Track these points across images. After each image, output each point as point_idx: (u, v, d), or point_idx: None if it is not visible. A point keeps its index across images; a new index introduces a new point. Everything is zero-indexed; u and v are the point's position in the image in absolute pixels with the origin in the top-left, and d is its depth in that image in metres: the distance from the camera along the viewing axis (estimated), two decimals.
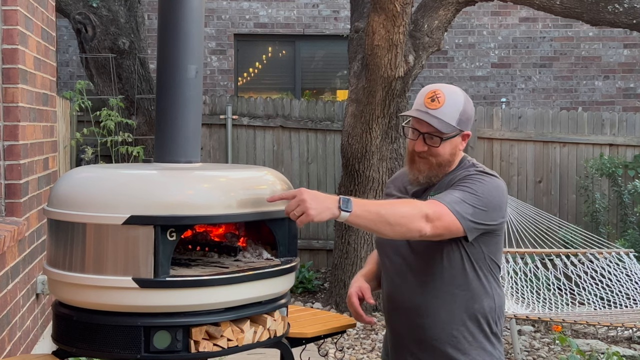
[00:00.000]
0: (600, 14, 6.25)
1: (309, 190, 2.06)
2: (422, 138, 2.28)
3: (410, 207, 2.14)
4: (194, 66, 2.35)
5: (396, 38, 5.52)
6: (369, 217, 2.09)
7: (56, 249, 2.15)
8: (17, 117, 3.35)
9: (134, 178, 2.18)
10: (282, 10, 9.19)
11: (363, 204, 2.10)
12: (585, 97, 9.46)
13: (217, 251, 2.31)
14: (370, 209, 2.10)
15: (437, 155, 2.29)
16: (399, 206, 2.16)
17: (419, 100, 2.31)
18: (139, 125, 6.92)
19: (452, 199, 2.18)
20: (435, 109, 2.26)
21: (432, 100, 2.26)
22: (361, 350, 5.37)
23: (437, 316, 2.28)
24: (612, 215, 7.75)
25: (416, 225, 2.09)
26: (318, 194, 2.06)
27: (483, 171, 2.30)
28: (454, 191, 2.21)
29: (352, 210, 2.05)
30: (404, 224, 2.09)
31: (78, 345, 2.11)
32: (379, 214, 2.09)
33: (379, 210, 2.11)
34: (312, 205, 2.02)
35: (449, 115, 2.26)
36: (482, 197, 2.21)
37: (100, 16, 6.84)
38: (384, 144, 6.09)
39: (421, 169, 2.32)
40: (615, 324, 5.36)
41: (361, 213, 2.07)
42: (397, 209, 2.12)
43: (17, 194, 3.38)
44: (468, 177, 2.26)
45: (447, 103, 2.26)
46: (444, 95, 2.27)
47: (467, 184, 2.23)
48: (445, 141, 2.28)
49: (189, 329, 2.04)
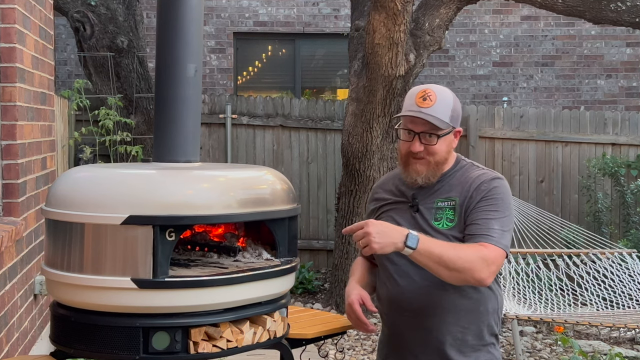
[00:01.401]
0: (602, 12, 6.25)
1: (377, 223, 2.13)
2: (418, 138, 2.29)
3: (473, 255, 2.16)
4: (193, 65, 2.34)
5: (397, 36, 5.51)
6: (431, 257, 2.13)
7: (54, 249, 2.15)
8: (14, 117, 3.34)
9: (132, 178, 2.17)
10: (282, 9, 9.19)
11: (429, 244, 2.13)
12: (588, 96, 9.44)
13: (217, 251, 2.30)
14: (433, 250, 2.13)
15: (435, 154, 2.29)
16: (463, 252, 2.17)
17: (410, 101, 2.32)
18: (138, 125, 6.90)
19: (498, 234, 2.21)
20: (429, 107, 2.27)
21: (424, 99, 2.28)
22: (362, 351, 5.36)
23: (443, 318, 2.28)
24: (615, 215, 7.73)
25: (479, 275, 2.15)
26: (386, 228, 2.12)
27: (494, 177, 2.32)
28: (492, 221, 2.23)
29: (418, 248, 2.11)
30: (467, 271, 2.15)
31: (76, 346, 2.10)
32: (441, 257, 2.13)
33: (442, 254, 2.13)
34: (376, 240, 2.09)
35: (441, 113, 2.28)
36: (509, 214, 2.28)
37: (98, 14, 6.82)
38: (385, 143, 6.08)
39: (419, 170, 2.31)
40: (618, 325, 5.35)
41: (424, 252, 2.12)
42: (460, 257, 2.15)
43: (14, 194, 3.38)
44: (490, 197, 2.27)
45: (438, 101, 2.28)
46: (434, 94, 2.29)
47: (495, 206, 2.26)
48: (442, 138, 2.29)
49: (188, 330, 2.03)
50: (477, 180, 2.30)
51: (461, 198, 2.29)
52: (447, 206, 2.30)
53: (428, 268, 2.16)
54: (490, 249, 2.18)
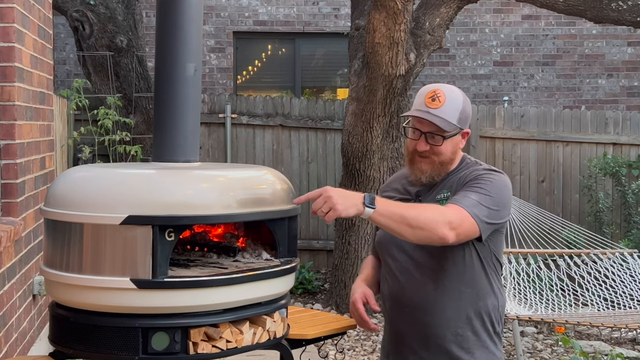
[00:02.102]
0: (603, 12, 6.25)
1: (334, 188, 2.12)
2: (424, 137, 2.31)
3: (434, 212, 2.16)
4: (192, 64, 2.34)
5: (397, 36, 5.50)
6: (392, 217, 2.12)
7: (53, 250, 2.15)
8: (13, 116, 3.34)
9: (131, 177, 2.18)
10: (282, 8, 9.18)
11: (387, 203, 2.14)
12: (589, 96, 9.43)
13: (216, 251, 2.31)
14: (394, 210, 2.13)
15: (440, 154, 2.31)
16: (423, 210, 2.18)
17: (419, 100, 2.34)
18: (137, 124, 6.89)
19: (470, 202, 2.20)
20: (437, 108, 2.29)
21: (433, 100, 2.29)
22: (362, 351, 5.34)
23: (442, 314, 2.29)
24: (616, 215, 7.73)
25: (440, 232, 2.13)
26: (343, 191, 2.12)
27: (490, 169, 2.34)
28: (470, 193, 2.23)
29: (376, 207, 2.09)
30: (428, 229, 2.13)
31: (75, 347, 2.10)
32: (402, 215, 2.12)
33: (403, 212, 2.13)
34: (339, 201, 2.07)
35: (449, 114, 2.30)
36: (495, 196, 2.24)
37: (97, 14, 6.81)
38: (385, 143, 6.07)
39: (423, 169, 2.34)
40: (619, 325, 5.36)
41: (384, 212, 2.11)
42: (421, 213, 2.15)
43: (13, 194, 3.37)
44: (479, 177, 2.28)
45: (447, 102, 2.30)
46: (444, 95, 2.30)
47: (479, 185, 2.26)
48: (447, 140, 2.31)
49: (188, 330, 2.04)
50: (471, 174, 2.32)
51: (455, 189, 2.31)
52: (443, 198, 2.32)
53: (392, 229, 2.14)
54: (454, 208, 2.18)
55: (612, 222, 7.57)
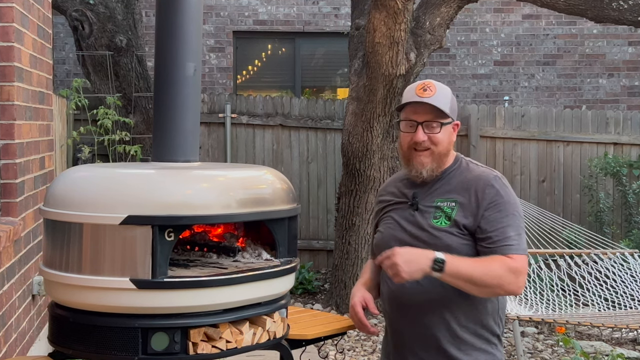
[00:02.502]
0: (604, 11, 6.25)
1: (403, 252, 2.16)
2: (421, 128, 2.31)
3: (499, 267, 2.21)
4: (192, 64, 2.35)
5: (397, 35, 5.50)
6: (460, 278, 2.18)
7: (52, 250, 2.16)
8: (12, 116, 3.34)
9: (131, 177, 2.19)
10: (282, 7, 9.17)
11: (457, 266, 2.17)
12: (590, 95, 9.42)
13: (216, 252, 2.32)
14: (462, 272, 2.18)
15: (438, 144, 2.32)
16: (489, 267, 2.21)
17: (410, 93, 2.36)
18: (137, 124, 6.88)
19: (519, 240, 2.26)
20: (430, 97, 2.31)
21: (425, 90, 2.32)
22: (362, 352, 5.33)
23: (441, 314, 2.29)
24: (617, 215, 7.72)
25: (510, 287, 2.22)
26: (410, 254, 2.16)
27: (495, 176, 2.33)
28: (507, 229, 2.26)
29: (444, 272, 2.16)
30: (494, 286, 2.21)
31: (74, 347, 2.11)
32: (470, 277, 2.18)
33: (471, 273, 2.18)
34: (404, 269, 2.14)
35: (442, 102, 2.32)
36: (517, 213, 2.31)
37: (97, 13, 6.80)
38: (385, 142, 6.06)
39: (424, 162, 2.33)
40: (620, 326, 5.35)
41: (453, 274, 2.17)
42: (487, 272, 2.20)
43: (12, 194, 3.37)
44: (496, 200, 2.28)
45: (438, 91, 2.33)
46: (433, 85, 2.34)
47: (505, 211, 2.28)
48: (444, 127, 2.32)
49: (187, 331, 2.04)
50: (477, 181, 2.32)
51: (462, 200, 2.30)
52: (446, 206, 2.31)
53: (457, 286, 2.21)
54: (515, 259, 2.23)
55: (612, 222, 7.57)
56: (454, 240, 2.26)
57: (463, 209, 2.29)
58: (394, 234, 2.36)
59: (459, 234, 2.27)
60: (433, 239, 2.27)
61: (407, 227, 2.33)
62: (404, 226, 2.34)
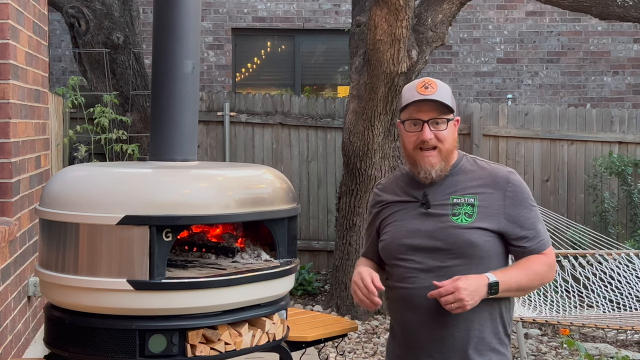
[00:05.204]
0: (609, 8, 6.27)
1: (466, 285, 2.17)
2: (427, 126, 2.29)
3: (540, 267, 2.32)
4: (190, 61, 2.37)
5: (399, 32, 5.48)
6: (510, 290, 2.28)
7: (48, 250, 2.16)
8: (7, 114, 3.34)
9: (128, 177, 2.19)
10: (282, 4, 9.16)
11: (507, 282, 2.25)
12: (594, 93, 9.38)
13: (215, 252, 2.33)
14: (512, 285, 2.26)
15: (445, 140, 2.30)
16: (532, 270, 2.31)
17: (411, 92, 2.33)
18: (134, 123, 6.87)
19: (544, 233, 2.37)
20: (433, 94, 2.30)
21: (426, 88, 2.31)
22: (362, 354, 5.28)
23: (461, 315, 2.25)
24: (622, 215, 7.71)
25: (549, 280, 2.39)
26: (472, 287, 2.18)
27: (510, 172, 2.37)
28: (536, 224, 2.35)
29: (499, 292, 2.23)
30: (540, 284, 2.39)
31: (71, 349, 2.12)
32: (519, 286, 2.29)
33: (519, 282, 2.28)
34: (469, 302, 2.17)
35: (446, 98, 2.32)
36: (535, 204, 2.40)
37: (93, 10, 6.77)
38: (386, 141, 6.04)
39: (433, 162, 2.31)
40: (625, 327, 5.32)
41: (505, 289, 2.25)
42: (532, 279, 2.31)
43: (8, 193, 3.37)
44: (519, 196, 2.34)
45: (439, 88, 2.32)
46: (434, 82, 2.34)
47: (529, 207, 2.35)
48: (449, 123, 2.32)
49: (185, 333, 2.05)
50: (495, 178, 2.33)
51: (482, 196, 2.30)
52: (465, 202, 2.30)
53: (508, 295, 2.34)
54: (548, 254, 2.36)
55: (617, 222, 7.55)
56: (477, 237, 2.25)
57: (484, 205, 2.28)
58: (405, 236, 2.31)
59: (481, 230, 2.26)
60: (453, 237, 2.26)
61: (422, 227, 2.30)
62: (417, 227, 2.30)
